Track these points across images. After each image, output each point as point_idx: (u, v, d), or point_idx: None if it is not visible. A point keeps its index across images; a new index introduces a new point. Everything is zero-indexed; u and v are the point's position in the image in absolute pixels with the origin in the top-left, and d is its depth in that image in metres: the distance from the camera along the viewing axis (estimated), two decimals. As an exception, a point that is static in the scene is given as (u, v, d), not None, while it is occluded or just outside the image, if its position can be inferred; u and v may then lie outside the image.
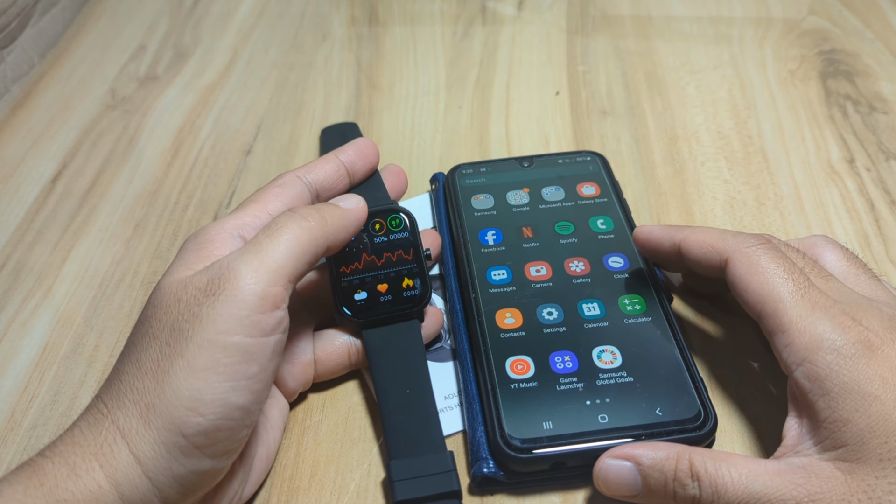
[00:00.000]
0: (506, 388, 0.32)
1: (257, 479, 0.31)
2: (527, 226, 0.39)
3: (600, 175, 0.41)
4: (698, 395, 0.31)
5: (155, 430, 0.25)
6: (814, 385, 0.27)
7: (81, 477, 0.24)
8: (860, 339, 0.27)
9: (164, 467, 0.25)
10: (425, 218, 0.42)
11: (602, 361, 0.32)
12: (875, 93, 0.50)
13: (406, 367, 0.33)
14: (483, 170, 0.42)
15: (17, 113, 0.52)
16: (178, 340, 0.26)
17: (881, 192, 0.43)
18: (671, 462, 0.27)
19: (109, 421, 0.25)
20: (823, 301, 0.28)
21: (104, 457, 0.25)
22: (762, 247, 0.30)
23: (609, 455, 0.28)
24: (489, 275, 0.36)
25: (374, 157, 0.37)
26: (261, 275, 0.26)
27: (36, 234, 0.44)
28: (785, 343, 0.28)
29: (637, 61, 0.54)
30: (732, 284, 0.30)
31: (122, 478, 0.24)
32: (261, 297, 0.26)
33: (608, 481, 0.28)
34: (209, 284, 0.26)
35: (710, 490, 0.26)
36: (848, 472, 0.25)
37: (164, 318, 0.26)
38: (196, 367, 0.25)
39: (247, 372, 0.26)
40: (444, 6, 0.61)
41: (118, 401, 0.25)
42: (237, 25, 0.60)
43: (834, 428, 0.26)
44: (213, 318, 0.25)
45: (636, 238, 0.35)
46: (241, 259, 0.27)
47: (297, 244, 0.28)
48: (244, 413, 0.26)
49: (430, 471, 0.30)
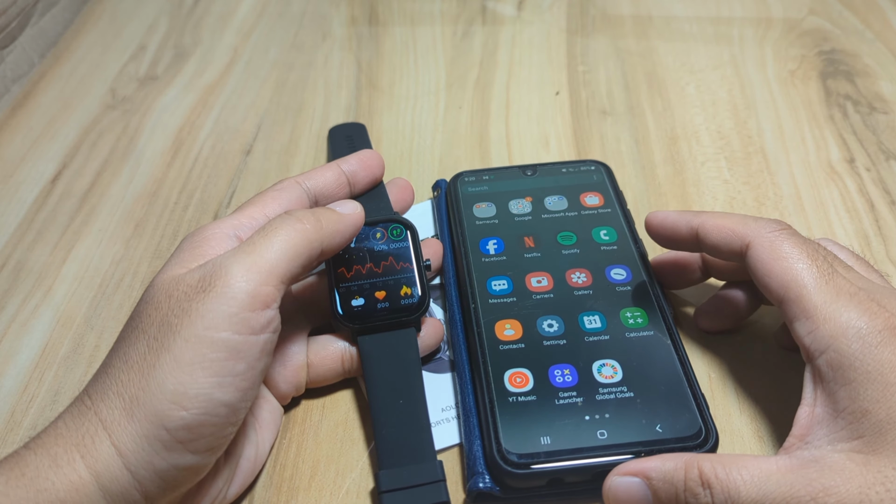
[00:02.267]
0: (504, 402, 0.31)
1: (244, 481, 0.30)
2: (528, 235, 0.38)
3: (604, 185, 0.41)
4: (699, 412, 0.30)
5: (137, 423, 0.25)
6: (836, 374, 0.26)
7: (62, 468, 0.24)
8: (887, 325, 0.26)
9: (145, 461, 0.25)
10: (427, 225, 0.42)
11: (602, 376, 0.32)
12: (875, 93, 0.50)
13: (400, 376, 0.32)
14: (486, 178, 0.42)
15: (17, 113, 0.52)
16: (166, 335, 0.26)
17: (881, 192, 0.43)
18: (680, 472, 0.27)
19: (93, 413, 0.25)
20: (848, 287, 0.28)
21: (85, 448, 0.25)
22: (784, 232, 0.30)
23: (617, 472, 0.28)
24: (489, 285, 0.36)
25: (378, 168, 0.37)
26: (252, 273, 0.27)
27: (36, 234, 0.44)
28: (808, 329, 0.27)
29: (637, 61, 0.54)
30: (753, 269, 0.30)
31: (102, 469, 0.24)
32: (251, 296, 0.26)
33: (618, 500, 0.28)
34: (201, 281, 0.26)
35: (722, 496, 0.25)
36: (863, 465, 0.25)
37: (154, 314, 0.27)
38: (182, 360, 0.25)
39: (234, 369, 0.26)
40: (444, 6, 0.61)
41: (102, 393, 0.26)
42: (237, 25, 0.60)
43: (852, 419, 0.25)
44: (203, 313, 0.26)
45: (649, 223, 0.34)
46: (233, 258, 0.27)
47: (291, 245, 0.28)
48: (229, 410, 0.26)
49: (418, 481, 0.29)
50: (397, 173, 0.46)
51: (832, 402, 0.26)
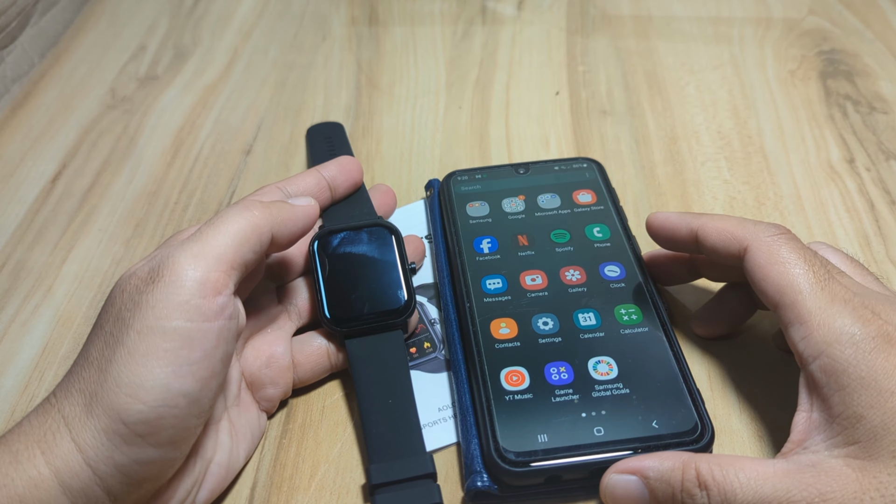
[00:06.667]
0: (500, 400, 0.31)
1: (215, 486, 0.30)
2: (522, 234, 0.39)
3: (597, 182, 0.41)
4: (695, 408, 0.30)
5: (96, 418, 0.25)
6: (830, 379, 0.26)
7: (22, 464, 0.24)
8: (880, 333, 0.26)
9: (105, 456, 0.25)
10: (420, 225, 0.42)
11: (598, 373, 0.32)
12: (875, 93, 0.50)
13: (389, 377, 0.33)
14: (478, 177, 0.42)
15: (17, 113, 0.52)
16: (120, 329, 0.26)
17: (881, 192, 0.43)
18: (678, 473, 0.27)
19: (56, 410, 0.26)
20: (843, 293, 0.28)
21: (46, 444, 0.25)
22: (783, 236, 0.30)
23: (615, 470, 0.28)
24: (484, 284, 0.36)
25: (357, 174, 0.38)
26: (199, 260, 0.27)
27: (36, 234, 0.44)
28: (802, 335, 0.27)
29: (637, 61, 0.54)
30: (750, 273, 0.30)
31: (62, 465, 0.24)
32: (200, 283, 0.26)
33: (615, 497, 0.28)
34: (150, 273, 0.27)
35: (719, 498, 0.26)
36: (859, 470, 0.25)
37: (109, 310, 0.27)
38: (136, 353, 0.25)
39: (189, 357, 0.26)
40: (444, 6, 0.61)
41: (66, 391, 0.26)
42: (237, 25, 0.60)
43: (847, 424, 0.26)
44: (153, 304, 0.26)
45: (650, 225, 0.35)
46: (180, 248, 0.27)
47: (238, 230, 0.28)
48: (190, 401, 0.26)
49: (410, 474, 0.30)
50: (397, 173, 0.46)
51: (827, 406, 0.26)
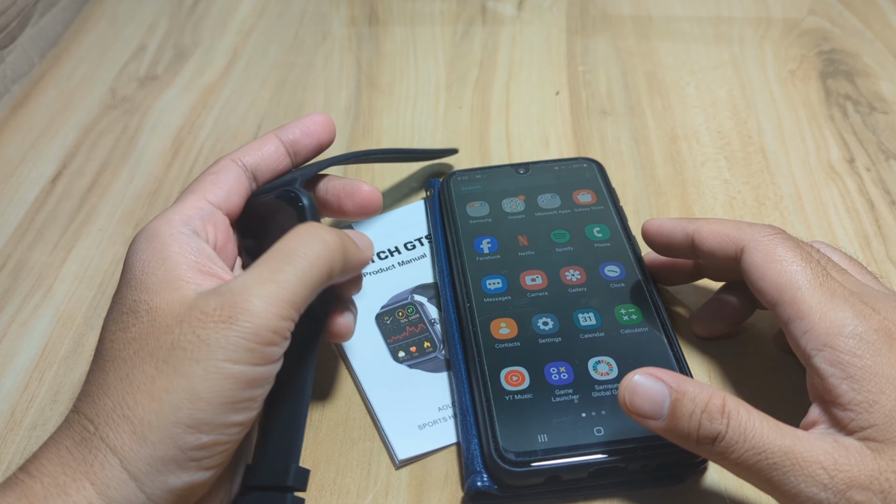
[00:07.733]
0: (500, 400, 0.31)
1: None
2: (522, 234, 0.39)
3: (597, 182, 0.41)
4: None
5: (151, 446, 0.24)
6: (836, 369, 0.26)
7: (72, 496, 0.24)
8: (881, 328, 0.27)
9: (160, 481, 0.25)
10: (420, 225, 0.42)
11: (598, 373, 0.32)
12: (875, 93, 0.50)
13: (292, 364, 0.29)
14: (478, 177, 0.42)
15: (17, 113, 0.52)
16: (180, 361, 0.25)
17: (881, 192, 0.43)
18: (705, 395, 0.26)
19: (98, 438, 0.25)
20: (842, 290, 0.28)
21: (95, 475, 0.24)
22: (778, 236, 0.30)
23: (643, 372, 0.27)
24: (484, 284, 0.36)
25: (324, 133, 0.35)
26: (273, 308, 0.26)
27: (36, 234, 0.44)
28: (804, 329, 0.27)
29: (637, 61, 0.54)
30: (748, 273, 0.30)
31: (115, 494, 0.24)
32: (272, 331, 0.26)
33: (634, 396, 0.27)
34: (218, 310, 0.26)
35: (736, 431, 0.26)
36: (877, 451, 0.25)
37: (162, 337, 0.26)
38: (199, 389, 0.25)
39: (249, 396, 0.26)
40: (444, 6, 0.61)
41: (106, 417, 0.25)
42: (237, 25, 0.60)
43: (860, 409, 0.26)
44: (223, 345, 0.25)
45: (646, 231, 0.35)
46: (256, 287, 0.26)
47: (314, 271, 0.27)
48: (241, 428, 0.26)
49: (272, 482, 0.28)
50: (397, 173, 0.46)
51: (837, 395, 0.26)
